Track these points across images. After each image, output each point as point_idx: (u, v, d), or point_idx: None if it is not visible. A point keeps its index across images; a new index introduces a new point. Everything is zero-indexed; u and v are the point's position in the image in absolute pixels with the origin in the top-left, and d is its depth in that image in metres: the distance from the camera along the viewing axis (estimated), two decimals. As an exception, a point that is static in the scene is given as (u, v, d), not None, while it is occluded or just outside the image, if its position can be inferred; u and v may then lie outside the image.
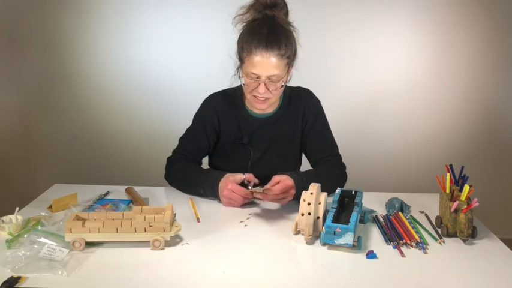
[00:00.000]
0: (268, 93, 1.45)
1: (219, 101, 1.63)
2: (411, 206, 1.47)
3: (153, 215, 1.17)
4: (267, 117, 1.61)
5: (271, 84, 1.44)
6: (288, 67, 1.46)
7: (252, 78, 1.44)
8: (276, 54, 1.39)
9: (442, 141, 2.67)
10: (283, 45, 1.40)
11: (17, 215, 1.29)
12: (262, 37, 1.39)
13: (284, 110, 1.62)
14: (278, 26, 1.43)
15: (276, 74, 1.41)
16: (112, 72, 2.60)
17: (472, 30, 2.52)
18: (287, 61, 1.43)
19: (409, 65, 2.59)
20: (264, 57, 1.39)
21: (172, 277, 1.06)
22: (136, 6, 2.51)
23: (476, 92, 2.61)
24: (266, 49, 1.39)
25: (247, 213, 1.41)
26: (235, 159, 1.64)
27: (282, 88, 1.48)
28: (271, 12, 1.44)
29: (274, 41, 1.39)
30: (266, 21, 1.43)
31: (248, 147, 1.61)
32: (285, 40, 1.41)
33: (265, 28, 1.41)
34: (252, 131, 1.61)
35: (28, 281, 1.02)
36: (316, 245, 1.23)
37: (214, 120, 1.62)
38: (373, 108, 2.64)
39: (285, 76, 1.46)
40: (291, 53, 1.43)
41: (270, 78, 1.42)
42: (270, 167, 1.57)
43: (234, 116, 1.61)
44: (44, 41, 2.56)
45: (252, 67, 1.41)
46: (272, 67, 1.40)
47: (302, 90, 1.68)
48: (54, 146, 2.72)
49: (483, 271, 1.11)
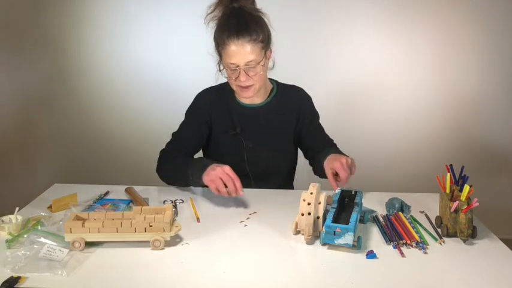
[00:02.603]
0: (250, 79, 1.50)
1: (210, 95, 1.67)
2: (411, 206, 1.47)
3: (153, 215, 1.17)
4: (258, 107, 1.65)
5: (251, 70, 1.48)
6: (265, 51, 1.51)
7: (231, 68, 1.48)
8: (248, 40, 1.44)
9: (442, 141, 2.67)
10: (253, 31, 1.45)
11: (17, 215, 1.29)
12: (232, 27, 1.45)
13: (276, 102, 1.66)
14: (246, 14, 1.48)
15: (253, 59, 1.46)
16: (112, 72, 2.61)
17: (472, 30, 2.52)
18: (261, 45, 1.48)
19: (410, 65, 2.59)
20: (237, 45, 1.44)
21: (172, 277, 1.06)
22: (137, 6, 2.51)
23: (477, 92, 2.61)
24: (237, 37, 1.44)
25: (247, 213, 1.41)
26: (229, 150, 1.66)
27: (263, 72, 1.53)
28: (237, 4, 1.49)
29: (244, 28, 1.44)
30: (233, 13, 1.48)
31: (240, 138, 1.63)
32: (254, 26, 1.46)
33: (234, 19, 1.47)
34: (243, 121, 1.64)
35: (28, 281, 1.02)
36: (316, 245, 1.23)
37: (206, 114, 1.65)
38: (373, 108, 2.64)
39: (263, 60, 1.50)
40: (264, 36, 1.48)
41: (248, 64, 1.47)
42: (264, 160, 1.61)
43: (225, 107, 1.65)
44: (44, 41, 2.56)
45: (228, 58, 1.46)
46: (247, 53, 1.45)
47: (295, 87, 1.74)
48: (54, 146, 2.72)
49: (483, 271, 1.11)
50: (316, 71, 2.57)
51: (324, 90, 2.55)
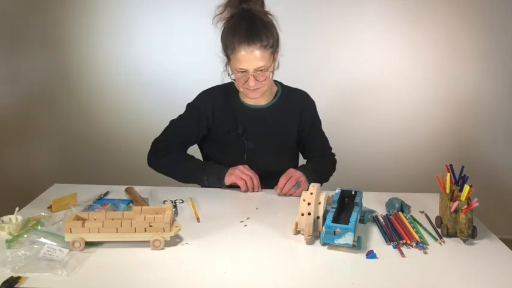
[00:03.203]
0: (259, 84, 1.50)
1: (214, 95, 1.67)
2: (411, 206, 1.47)
3: (153, 215, 1.17)
4: (262, 108, 1.65)
5: (260, 75, 1.48)
6: (274, 55, 1.51)
7: (240, 73, 1.48)
8: (259, 46, 1.44)
9: (442, 141, 2.67)
10: (264, 37, 1.44)
11: (16, 215, 1.29)
12: (243, 32, 1.43)
13: (280, 104, 1.66)
14: (256, 19, 1.46)
15: (263, 65, 1.46)
16: (112, 72, 2.61)
17: (472, 30, 2.52)
18: (271, 50, 1.48)
19: (410, 65, 2.59)
20: (248, 51, 1.43)
21: (172, 277, 1.06)
22: (137, 6, 2.51)
23: (477, 92, 2.61)
24: (248, 44, 1.43)
25: (247, 213, 1.41)
26: (230, 150, 1.66)
27: (272, 76, 1.53)
28: (247, 6, 1.47)
29: (255, 34, 1.43)
30: (244, 16, 1.46)
31: (242, 138, 1.63)
32: (265, 31, 1.45)
33: (244, 23, 1.45)
34: (246, 121, 1.64)
35: (28, 281, 1.02)
36: (316, 245, 1.23)
37: (208, 113, 1.65)
38: (373, 108, 2.64)
39: (272, 65, 1.50)
40: (273, 41, 1.48)
41: (258, 70, 1.46)
42: (265, 161, 1.60)
43: (229, 107, 1.65)
44: (44, 41, 2.56)
45: (238, 63, 1.46)
46: (257, 60, 1.44)
47: (300, 90, 1.73)
48: (54, 146, 2.72)
49: (483, 271, 1.11)
50: (317, 71, 2.57)
51: (325, 90, 2.55)
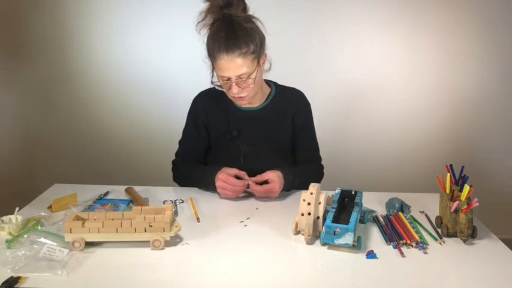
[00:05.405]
0: (243, 91, 1.48)
1: (207, 98, 1.67)
2: (411, 206, 1.47)
3: (153, 215, 1.17)
4: (255, 111, 1.63)
5: (243, 82, 1.46)
6: (258, 60, 1.47)
7: (223, 80, 1.47)
8: (238, 54, 1.41)
9: (442, 141, 2.67)
10: (243, 44, 1.41)
11: (16, 215, 1.29)
12: (222, 41, 1.41)
13: (274, 105, 1.64)
14: (236, 25, 1.43)
15: (245, 72, 1.44)
16: (112, 73, 2.60)
17: (472, 30, 2.52)
18: (253, 56, 1.44)
19: (410, 65, 2.58)
20: (227, 60, 1.42)
21: (172, 277, 1.06)
22: (137, 6, 2.51)
23: (476, 92, 2.61)
24: (227, 52, 1.41)
25: (247, 213, 1.41)
26: (225, 153, 1.65)
27: (257, 82, 1.50)
28: (228, 11, 1.44)
29: (233, 42, 1.41)
30: (224, 23, 1.44)
31: (237, 141, 1.63)
32: (245, 38, 1.42)
33: (223, 31, 1.42)
34: (240, 124, 1.63)
35: (28, 281, 1.02)
36: (316, 245, 1.23)
37: (203, 117, 1.65)
38: (373, 109, 2.64)
39: (255, 71, 1.47)
40: (255, 47, 1.44)
41: (240, 77, 1.44)
42: (261, 163, 1.58)
43: (222, 110, 1.64)
44: (44, 40, 2.56)
45: (220, 71, 1.45)
46: (238, 67, 1.43)
47: (295, 90, 1.71)
48: (54, 146, 2.71)
49: (483, 271, 1.11)
50: (316, 72, 2.57)
51: (324, 91, 2.54)
